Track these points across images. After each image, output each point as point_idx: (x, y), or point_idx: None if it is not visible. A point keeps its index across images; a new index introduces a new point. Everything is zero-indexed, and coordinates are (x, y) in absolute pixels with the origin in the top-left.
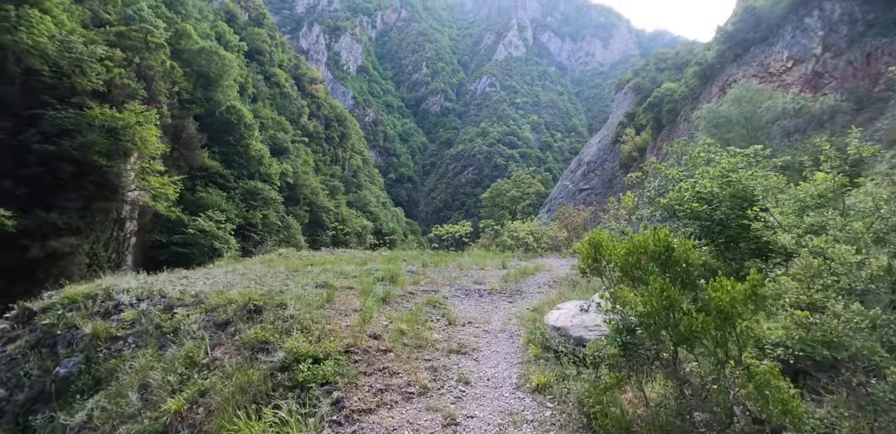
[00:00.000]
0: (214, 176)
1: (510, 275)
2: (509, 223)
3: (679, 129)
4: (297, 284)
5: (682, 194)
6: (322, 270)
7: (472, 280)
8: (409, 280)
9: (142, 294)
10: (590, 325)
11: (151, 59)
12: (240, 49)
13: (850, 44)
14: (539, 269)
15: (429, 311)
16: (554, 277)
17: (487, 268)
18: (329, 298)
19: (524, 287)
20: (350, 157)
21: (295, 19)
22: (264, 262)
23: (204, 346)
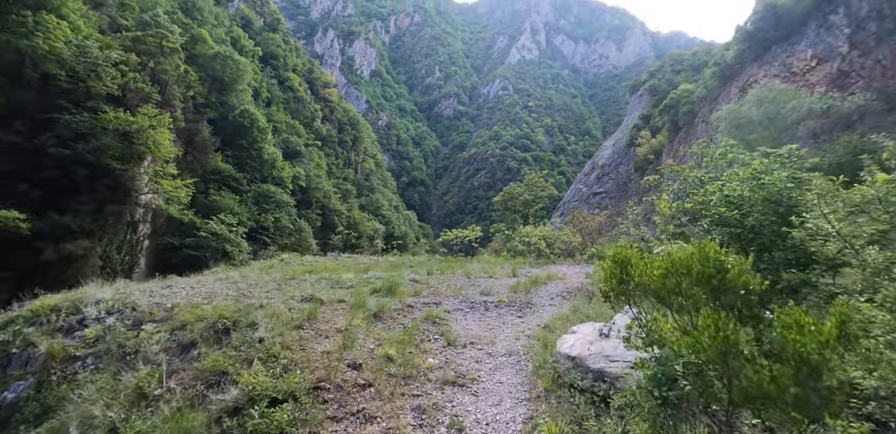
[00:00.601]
0: (227, 179)
1: (520, 284)
2: (521, 228)
3: (697, 131)
4: (282, 297)
5: (708, 198)
6: (318, 279)
7: (479, 290)
8: (410, 290)
9: (112, 307)
10: (611, 355)
11: (166, 63)
12: (254, 54)
13: (878, 41)
14: (551, 277)
15: (426, 329)
16: (567, 287)
17: (497, 276)
18: (311, 315)
19: (535, 298)
20: (363, 160)
21: (310, 25)
22: (263, 268)
23: (159, 373)
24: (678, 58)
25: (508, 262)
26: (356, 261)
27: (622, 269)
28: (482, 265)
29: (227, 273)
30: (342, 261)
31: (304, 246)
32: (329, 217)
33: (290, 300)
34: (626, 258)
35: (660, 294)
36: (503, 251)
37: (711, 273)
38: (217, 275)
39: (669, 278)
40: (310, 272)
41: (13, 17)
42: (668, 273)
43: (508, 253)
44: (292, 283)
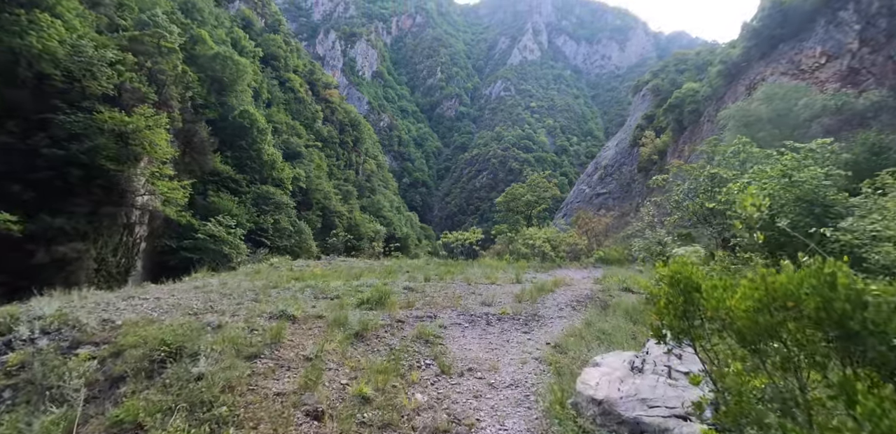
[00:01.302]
0: (226, 180)
1: (525, 292)
2: (524, 229)
3: (702, 131)
4: (251, 312)
5: (731, 197)
6: (303, 287)
7: (480, 300)
8: (403, 301)
9: (51, 324)
10: (650, 398)
11: (163, 63)
12: (255, 55)
13: (889, 38)
14: (558, 283)
15: (416, 352)
16: (576, 295)
17: (499, 282)
18: (276, 338)
19: (542, 309)
20: (364, 161)
21: (312, 27)
22: (249, 274)
23: (67, 420)
24: (682, 57)
25: (511, 266)
26: (350, 265)
27: (686, 297)
28: (483, 270)
29: (207, 279)
30: (335, 265)
31: (304, 247)
32: (330, 218)
33: (258, 317)
34: (693, 281)
35: (747, 336)
36: (506, 254)
37: (843, 311)
38: (195, 282)
39: (765, 314)
40: (296, 279)
41: (6, 16)
42: (763, 306)
43: (511, 256)
44: (273, 293)
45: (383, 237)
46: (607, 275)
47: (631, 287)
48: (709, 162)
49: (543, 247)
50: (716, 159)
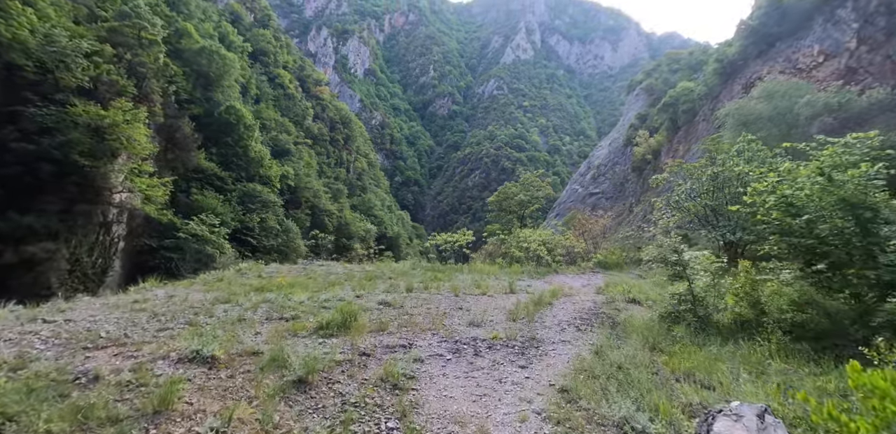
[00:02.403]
0: (211, 178)
1: (520, 307)
2: (518, 231)
3: (698, 130)
4: (156, 351)
5: (762, 198)
6: (259, 302)
7: (468, 318)
8: (374, 322)
9: None
10: None
11: (144, 55)
12: (244, 50)
13: (888, 37)
14: (557, 294)
15: (377, 407)
16: (579, 310)
17: (491, 292)
18: (163, 403)
19: (540, 330)
20: (355, 159)
21: (303, 23)
22: (207, 283)
23: None
24: (675, 57)
25: (504, 272)
26: (328, 271)
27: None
28: (474, 276)
29: (155, 291)
30: (311, 271)
31: (292, 247)
32: (319, 217)
33: (161, 359)
34: None
35: None
36: (498, 256)
37: None
38: (139, 293)
39: None
40: (259, 290)
41: None
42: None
43: (504, 260)
44: (218, 311)
45: (374, 236)
46: (609, 283)
47: (637, 298)
48: (710, 161)
49: (539, 250)
50: (719, 158)
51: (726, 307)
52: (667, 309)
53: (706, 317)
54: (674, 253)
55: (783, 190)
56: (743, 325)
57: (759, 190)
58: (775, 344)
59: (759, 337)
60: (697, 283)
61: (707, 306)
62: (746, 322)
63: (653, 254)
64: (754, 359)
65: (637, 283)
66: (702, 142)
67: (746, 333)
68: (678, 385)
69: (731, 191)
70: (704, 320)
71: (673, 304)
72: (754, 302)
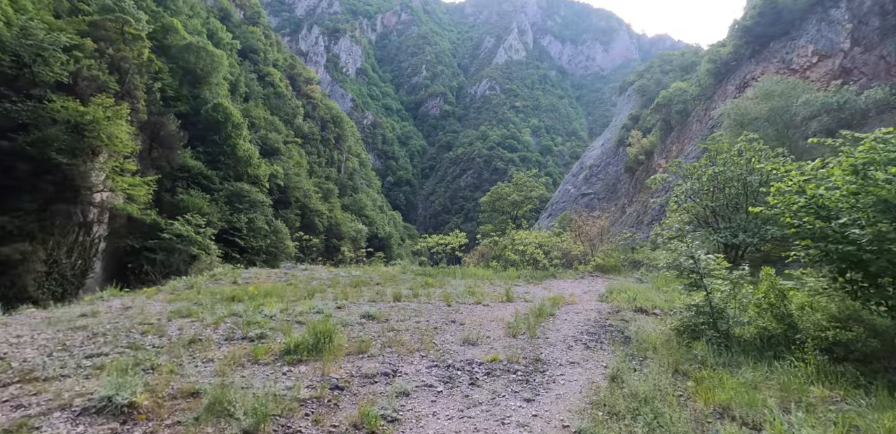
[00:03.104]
0: (197, 177)
1: (520, 318)
2: (513, 232)
3: (691, 130)
4: (60, 394)
5: (790, 199)
6: (224, 317)
7: (462, 334)
8: (353, 342)
9: None
10: None
11: (127, 50)
12: (233, 47)
13: (882, 37)
14: (557, 302)
15: None
16: (584, 321)
17: (486, 300)
18: None
19: (545, 348)
20: (346, 159)
21: (294, 22)
22: (174, 291)
23: None
24: (666, 58)
25: (499, 277)
26: (310, 276)
27: None
28: (467, 281)
29: (111, 301)
30: (292, 276)
31: (281, 248)
32: (309, 217)
33: (59, 411)
34: None
35: None
36: (491, 258)
37: None
38: (85, 306)
39: None
40: (229, 300)
41: None
42: None
43: (499, 263)
44: (170, 329)
45: (365, 237)
46: (612, 289)
47: (644, 306)
48: (710, 160)
49: (536, 254)
50: (720, 157)
51: (749, 320)
52: (682, 322)
53: (728, 331)
54: (689, 259)
55: (813, 190)
56: (769, 340)
57: (783, 190)
58: (813, 366)
59: (792, 356)
60: (716, 292)
61: (728, 319)
62: (773, 338)
63: (667, 259)
64: (794, 385)
65: (640, 288)
66: (698, 142)
67: (775, 351)
68: (718, 426)
69: (730, 192)
70: (726, 335)
71: (689, 317)
72: (781, 315)
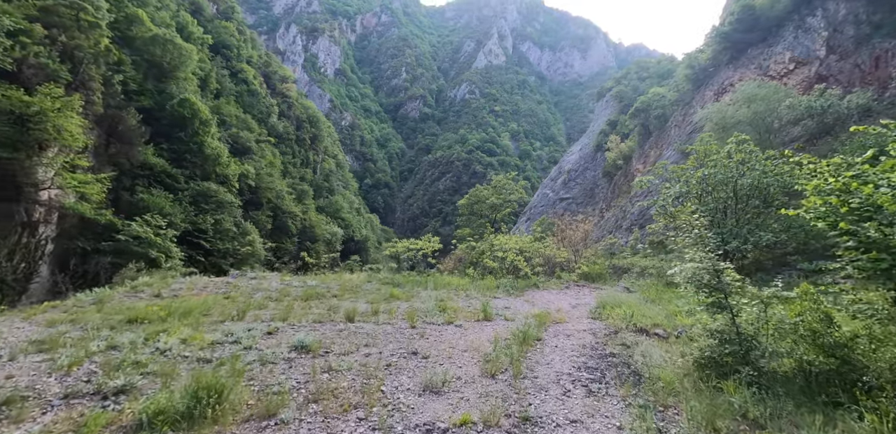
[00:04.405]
0: (160, 175)
1: (499, 347)
2: (492, 237)
3: (670, 136)
4: None
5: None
6: (97, 352)
7: (423, 376)
8: (262, 393)
9: None
10: None
11: (82, 39)
12: (204, 42)
13: (857, 46)
14: (544, 320)
15: None
16: (577, 346)
17: (459, 319)
18: None
19: (534, 395)
20: (322, 160)
21: (272, 20)
22: (69, 310)
23: None
24: (643, 65)
25: (476, 286)
26: (257, 286)
27: None
28: (439, 293)
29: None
30: (235, 287)
31: (250, 251)
32: (282, 219)
33: None
34: None
35: None
36: (468, 265)
37: None
38: None
39: None
40: (130, 321)
41: None
42: None
43: (476, 270)
44: (4, 370)
45: (341, 239)
46: (603, 302)
47: (643, 325)
48: (698, 162)
49: (517, 261)
50: (710, 159)
51: (786, 352)
52: (704, 353)
53: (762, 365)
54: (714, 274)
55: (867, 190)
56: (816, 379)
57: (823, 189)
58: (893, 421)
59: (857, 404)
60: (743, 314)
61: (763, 351)
62: (820, 375)
63: (685, 273)
64: None
65: (632, 301)
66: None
67: (827, 394)
68: None
69: (719, 196)
70: (762, 371)
71: (712, 347)
72: (829, 345)
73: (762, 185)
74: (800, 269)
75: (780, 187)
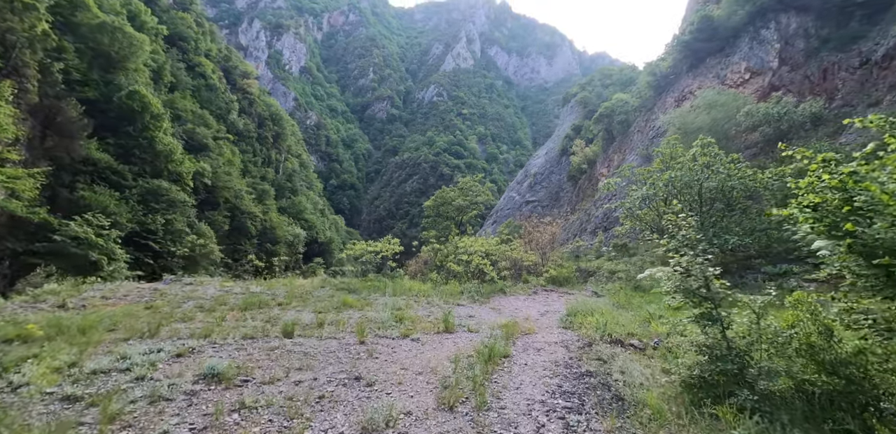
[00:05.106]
0: (105, 171)
1: (460, 367)
2: (456, 239)
3: (633, 141)
4: None
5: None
6: None
7: (364, 412)
8: None
9: None
10: None
11: (15, 21)
12: (158, 32)
13: (806, 58)
14: (512, 332)
15: None
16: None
17: (416, 331)
18: None
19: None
20: (285, 159)
21: (234, 14)
22: None
23: None
24: (606, 73)
25: (439, 292)
26: (189, 293)
27: None
28: (398, 300)
29: None
30: (161, 295)
31: (203, 253)
32: (240, 220)
33: None
34: None
35: None
36: (432, 269)
37: None
38: None
39: None
40: (7, 342)
41: None
42: None
43: (439, 274)
44: None
45: (303, 241)
46: (573, 310)
47: (618, 336)
48: (664, 165)
49: (483, 265)
50: (679, 160)
51: (784, 370)
52: (692, 371)
53: (761, 388)
54: (702, 283)
55: (874, 187)
56: (819, 401)
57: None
58: None
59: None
60: (734, 326)
61: (757, 368)
62: (822, 396)
63: (672, 282)
64: None
65: (602, 306)
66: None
67: (834, 421)
68: None
69: (682, 198)
70: (759, 392)
71: (702, 365)
72: (832, 363)
73: (726, 188)
74: (764, 272)
75: (742, 191)
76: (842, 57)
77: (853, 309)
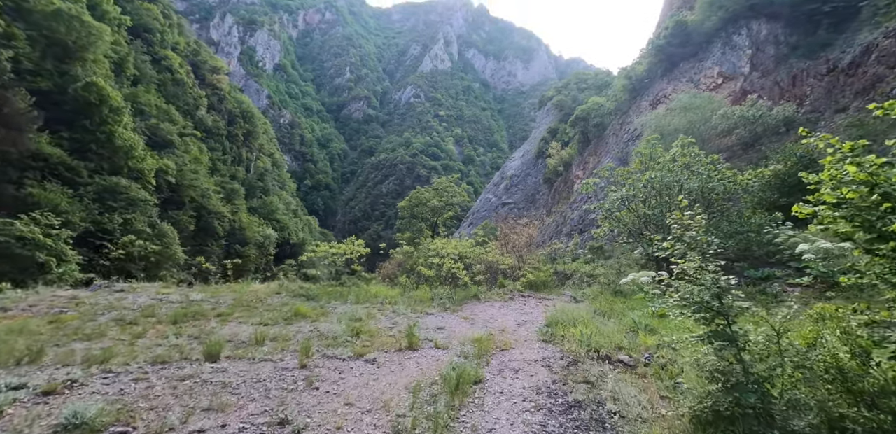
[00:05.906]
0: (57, 167)
1: (420, 403)
2: (428, 241)
3: (608, 144)
4: None
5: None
6: None
7: None
8: None
9: None
10: None
11: None
12: (121, 23)
13: (777, 64)
14: (485, 348)
15: None
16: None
17: (374, 348)
18: None
19: None
20: (257, 158)
21: (206, 8)
22: None
23: None
24: (582, 77)
25: (407, 299)
26: (114, 303)
27: None
28: (357, 310)
29: None
30: (80, 304)
31: (167, 255)
32: (207, 220)
33: None
34: None
35: None
36: (403, 274)
37: None
38: None
39: None
40: None
41: None
42: None
43: (410, 279)
44: None
45: (275, 242)
46: (553, 319)
47: (606, 350)
48: (644, 165)
49: (455, 269)
50: (659, 162)
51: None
52: (703, 403)
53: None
54: (715, 297)
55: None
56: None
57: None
58: None
59: None
60: (750, 346)
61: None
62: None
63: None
64: None
65: (583, 314)
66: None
67: None
68: None
69: (661, 200)
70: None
71: (716, 393)
72: (873, 393)
73: (706, 189)
74: (746, 276)
75: (722, 192)
76: (810, 64)
77: (875, 322)
